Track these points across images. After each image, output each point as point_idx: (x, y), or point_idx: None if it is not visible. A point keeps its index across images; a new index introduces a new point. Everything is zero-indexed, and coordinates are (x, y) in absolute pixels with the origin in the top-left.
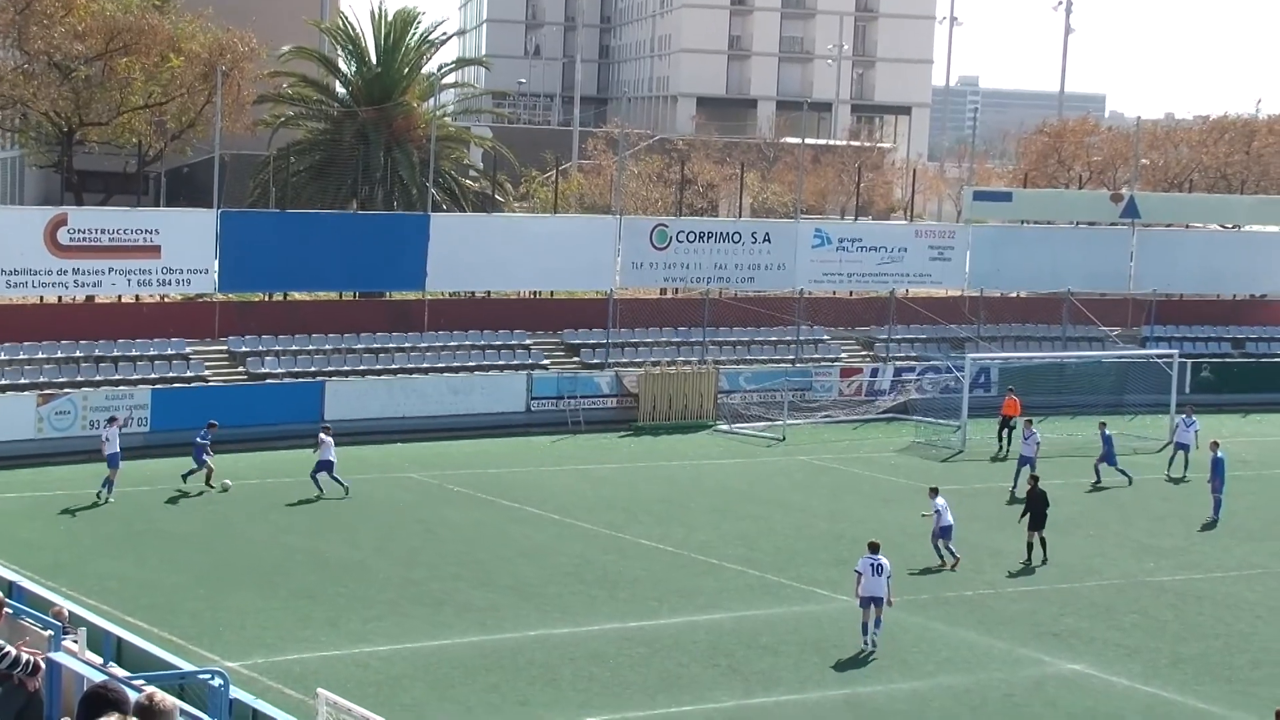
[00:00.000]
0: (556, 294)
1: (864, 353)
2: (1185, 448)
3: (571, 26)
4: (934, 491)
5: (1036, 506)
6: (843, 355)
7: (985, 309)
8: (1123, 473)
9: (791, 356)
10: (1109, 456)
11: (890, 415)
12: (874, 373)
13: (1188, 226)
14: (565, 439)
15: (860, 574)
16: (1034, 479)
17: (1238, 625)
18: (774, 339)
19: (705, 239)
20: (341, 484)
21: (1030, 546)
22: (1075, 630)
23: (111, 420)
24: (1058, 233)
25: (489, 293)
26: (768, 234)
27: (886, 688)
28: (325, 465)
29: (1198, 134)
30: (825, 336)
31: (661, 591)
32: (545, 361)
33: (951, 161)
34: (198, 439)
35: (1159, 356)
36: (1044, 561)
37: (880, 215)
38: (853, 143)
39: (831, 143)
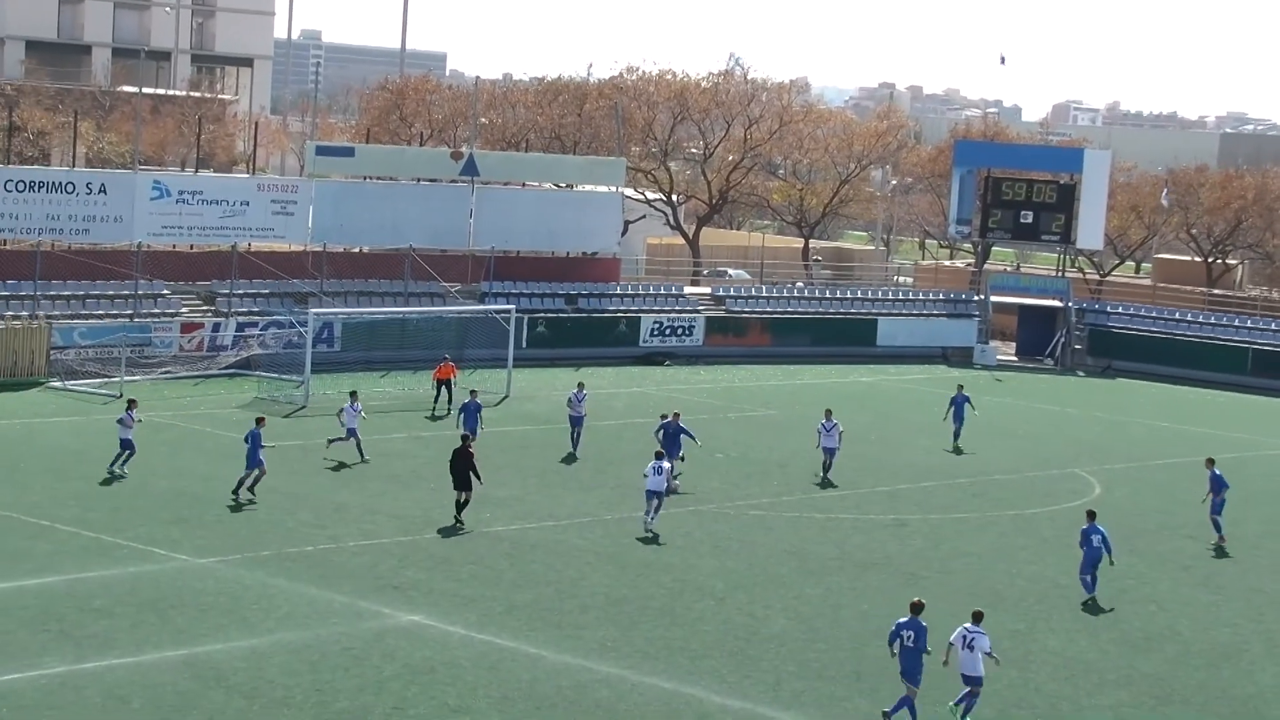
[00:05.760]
0: None
1: (206, 308)
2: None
3: None
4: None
5: (460, 466)
6: (184, 310)
7: (329, 264)
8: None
9: (130, 311)
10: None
11: (233, 370)
12: (216, 328)
13: (524, 185)
14: None
15: (646, 475)
16: (465, 438)
17: (568, 571)
18: (111, 293)
19: (36, 189)
20: None
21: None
22: (415, 582)
23: None
24: (400, 189)
25: None
26: (104, 185)
27: (225, 646)
28: None
29: (533, 95)
30: (165, 291)
31: None
32: None
33: (295, 115)
34: None
35: (497, 312)
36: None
37: (222, 168)
38: (193, 93)
39: (171, 93)
